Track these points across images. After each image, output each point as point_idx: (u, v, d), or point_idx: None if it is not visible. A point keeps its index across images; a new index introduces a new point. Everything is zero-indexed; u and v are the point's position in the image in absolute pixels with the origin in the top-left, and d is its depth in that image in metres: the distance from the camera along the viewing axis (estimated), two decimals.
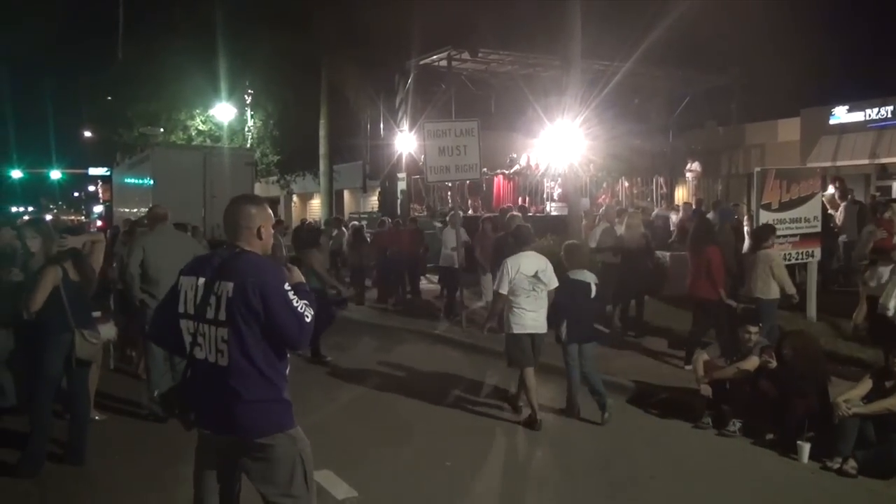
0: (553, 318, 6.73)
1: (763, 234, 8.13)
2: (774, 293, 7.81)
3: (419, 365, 9.34)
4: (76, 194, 65.76)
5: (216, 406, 3.09)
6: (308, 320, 3.05)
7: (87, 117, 29.54)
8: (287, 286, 3.06)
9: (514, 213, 11.59)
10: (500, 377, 8.07)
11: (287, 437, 3.14)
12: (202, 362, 3.11)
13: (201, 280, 3.13)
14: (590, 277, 6.84)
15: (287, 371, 3.22)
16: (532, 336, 6.65)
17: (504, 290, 6.59)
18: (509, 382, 7.81)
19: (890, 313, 6.96)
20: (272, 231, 3.33)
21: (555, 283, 6.68)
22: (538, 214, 17.34)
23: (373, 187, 27.38)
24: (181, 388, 3.25)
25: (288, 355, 3.20)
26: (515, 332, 6.65)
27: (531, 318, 6.60)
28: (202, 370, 3.12)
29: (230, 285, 3.02)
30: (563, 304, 6.68)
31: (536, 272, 6.57)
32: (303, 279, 3.31)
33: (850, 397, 5.70)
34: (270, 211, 3.33)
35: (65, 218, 47.22)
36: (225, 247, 3.27)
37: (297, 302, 3.04)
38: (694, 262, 8.53)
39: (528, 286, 6.55)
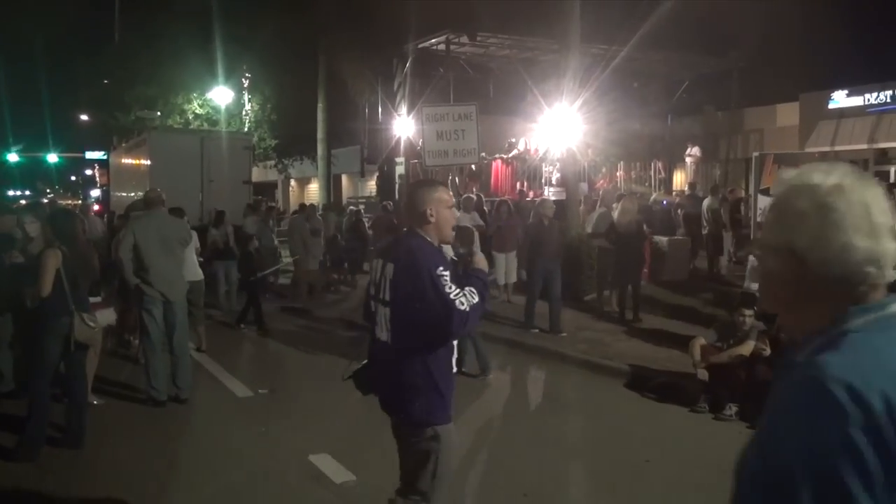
0: None
1: None
2: None
3: None
4: (73, 178, 65.52)
5: (385, 384, 3.24)
6: (462, 307, 2.95)
7: (84, 101, 29.36)
8: (440, 270, 2.99)
9: (546, 198, 11.60)
10: (499, 361, 8.10)
11: (431, 430, 3.12)
12: (377, 340, 3.25)
13: (380, 261, 3.25)
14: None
15: (451, 361, 3.18)
16: None
17: None
18: (507, 366, 7.85)
19: None
20: (448, 213, 3.26)
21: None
22: (537, 199, 17.32)
23: (371, 171, 27.34)
24: (368, 365, 3.38)
25: (452, 347, 3.17)
26: None
27: None
28: (377, 348, 3.25)
29: (392, 267, 3.12)
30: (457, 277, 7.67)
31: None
32: (485, 266, 3.33)
33: None
34: (442, 195, 3.26)
35: (62, 202, 47.15)
36: (405, 230, 3.35)
37: (449, 287, 2.97)
38: None
39: None
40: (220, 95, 23.45)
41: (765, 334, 6.56)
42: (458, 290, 3.00)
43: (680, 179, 22.22)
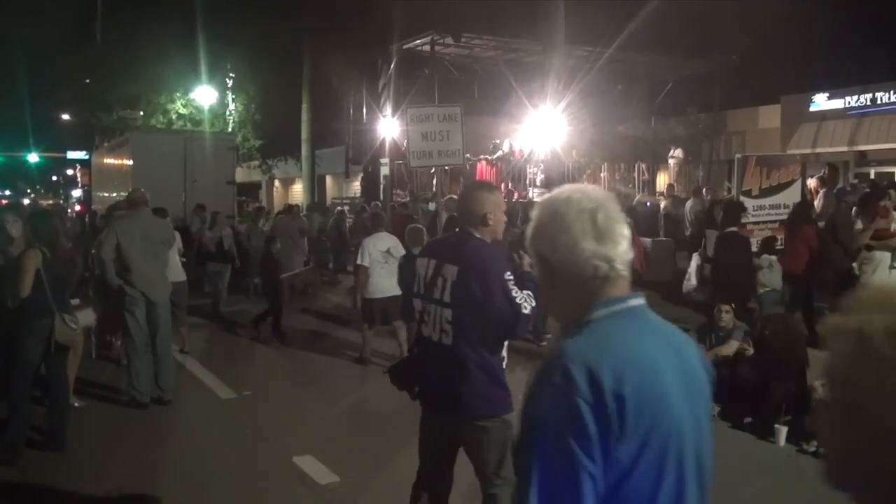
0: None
1: None
2: None
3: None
4: (54, 178, 64.88)
5: (438, 383, 3.24)
6: (526, 311, 3.11)
7: (65, 100, 29.04)
8: (508, 275, 3.12)
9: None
10: None
11: (503, 421, 3.21)
12: (427, 339, 3.27)
13: (433, 262, 3.27)
14: None
15: (504, 357, 3.29)
16: (388, 298, 7.86)
17: (366, 263, 7.91)
18: None
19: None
20: (503, 217, 3.38)
21: (400, 256, 8.13)
22: (521, 200, 17.37)
23: (355, 172, 27.27)
24: (408, 362, 3.46)
25: (504, 344, 3.29)
26: (374, 296, 7.95)
27: (386, 284, 7.90)
28: (427, 347, 3.28)
29: (455, 269, 3.15)
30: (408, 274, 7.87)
31: (388, 248, 8.03)
32: (531, 268, 3.39)
33: None
34: (499, 198, 3.39)
35: (43, 202, 46.71)
36: (458, 230, 3.39)
37: (515, 291, 3.10)
38: (791, 240, 8.69)
39: (382, 259, 7.96)
40: (204, 95, 23.30)
41: (748, 335, 6.62)
42: (521, 294, 3.12)
43: (663, 181, 22.35)
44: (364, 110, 24.03)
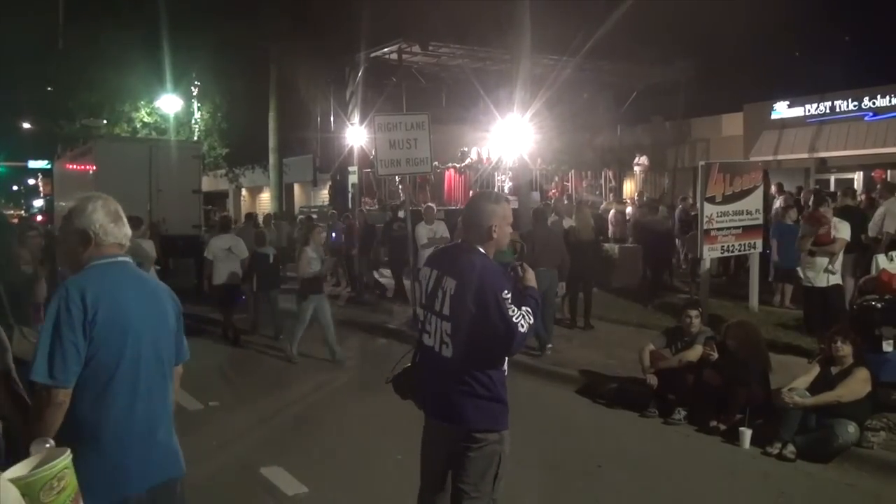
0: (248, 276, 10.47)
1: None
2: None
3: (369, 359, 9.35)
4: (15, 188, 63.57)
5: (438, 393, 3.25)
6: (522, 329, 3.06)
7: (26, 107, 28.50)
8: (505, 293, 3.07)
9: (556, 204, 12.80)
10: None
11: (498, 436, 3.22)
12: (429, 349, 3.27)
13: (434, 273, 3.28)
14: (269, 251, 10.66)
15: (504, 374, 3.25)
16: (227, 285, 10.26)
17: (210, 257, 10.29)
18: None
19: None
20: (507, 229, 3.30)
21: (245, 254, 10.34)
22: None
23: (323, 181, 27.18)
24: (410, 370, 3.41)
25: (505, 359, 3.25)
26: (217, 283, 10.25)
27: (227, 273, 10.20)
28: (429, 357, 3.28)
29: (453, 283, 3.15)
30: (252, 267, 10.44)
31: (230, 247, 10.28)
32: (534, 282, 3.33)
33: (797, 385, 5.85)
34: (506, 210, 3.30)
35: (3, 212, 45.54)
36: (461, 241, 3.39)
37: (512, 311, 3.05)
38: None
39: (223, 255, 10.23)
40: (169, 103, 23.03)
41: (712, 340, 6.71)
42: (518, 313, 3.07)
43: (630, 188, 22.61)
44: (332, 118, 23.97)
